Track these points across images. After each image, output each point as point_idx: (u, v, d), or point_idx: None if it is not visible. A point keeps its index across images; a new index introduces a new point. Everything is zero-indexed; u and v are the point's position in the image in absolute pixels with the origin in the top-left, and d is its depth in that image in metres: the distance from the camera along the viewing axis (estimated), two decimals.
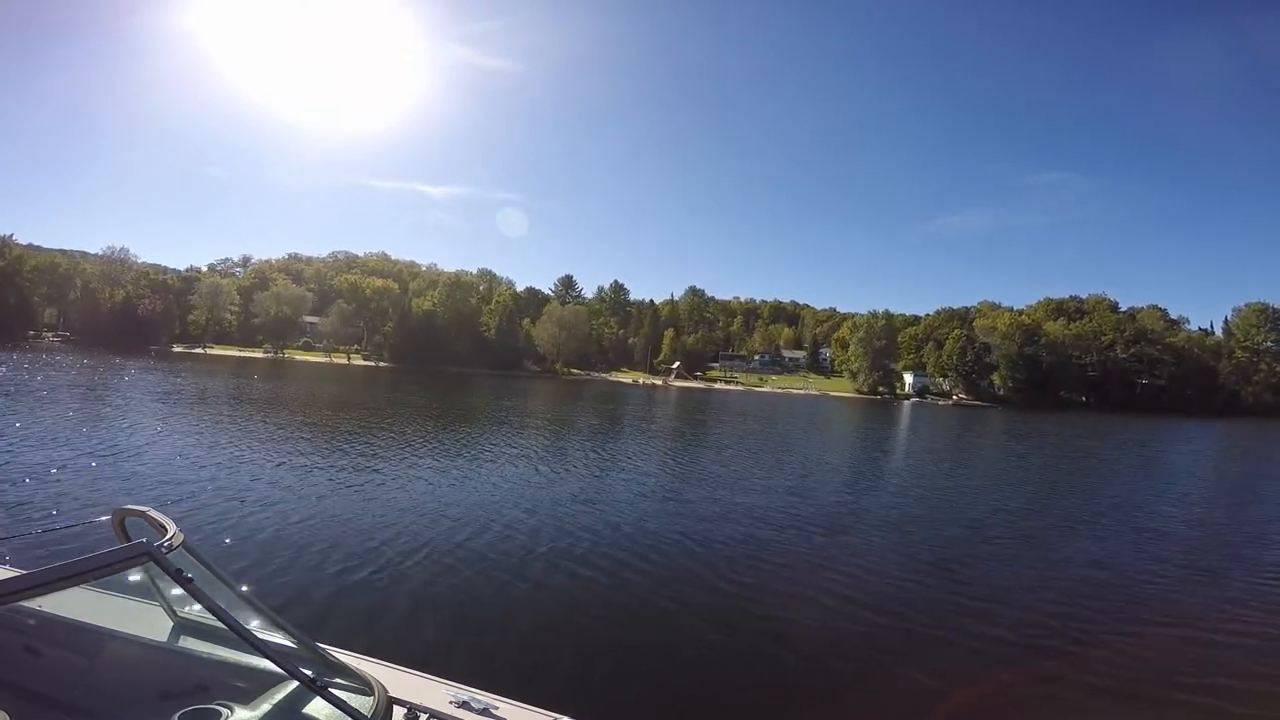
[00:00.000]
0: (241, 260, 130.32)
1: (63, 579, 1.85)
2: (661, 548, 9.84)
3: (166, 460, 13.70)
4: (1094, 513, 15.18)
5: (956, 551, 10.82)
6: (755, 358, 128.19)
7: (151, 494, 10.75)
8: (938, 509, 14.51)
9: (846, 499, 15.27)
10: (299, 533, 9.14)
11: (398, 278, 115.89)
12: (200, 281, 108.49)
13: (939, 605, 8.16)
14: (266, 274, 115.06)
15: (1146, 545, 12.21)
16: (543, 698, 2.75)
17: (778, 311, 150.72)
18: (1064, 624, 7.67)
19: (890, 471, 21.85)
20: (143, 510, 2.68)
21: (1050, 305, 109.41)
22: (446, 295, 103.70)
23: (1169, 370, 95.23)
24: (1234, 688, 6.23)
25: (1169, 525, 14.23)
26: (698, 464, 19.92)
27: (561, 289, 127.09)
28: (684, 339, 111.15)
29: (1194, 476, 24.98)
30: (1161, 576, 10.15)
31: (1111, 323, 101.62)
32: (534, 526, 10.52)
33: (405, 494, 12.28)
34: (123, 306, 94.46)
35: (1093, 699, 5.95)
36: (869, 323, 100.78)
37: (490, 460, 17.15)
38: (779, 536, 11.06)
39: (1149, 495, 18.93)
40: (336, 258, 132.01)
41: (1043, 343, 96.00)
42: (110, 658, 2.68)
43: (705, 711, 5.41)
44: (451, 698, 2.63)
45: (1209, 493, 20.68)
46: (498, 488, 13.53)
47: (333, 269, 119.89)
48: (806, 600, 8.01)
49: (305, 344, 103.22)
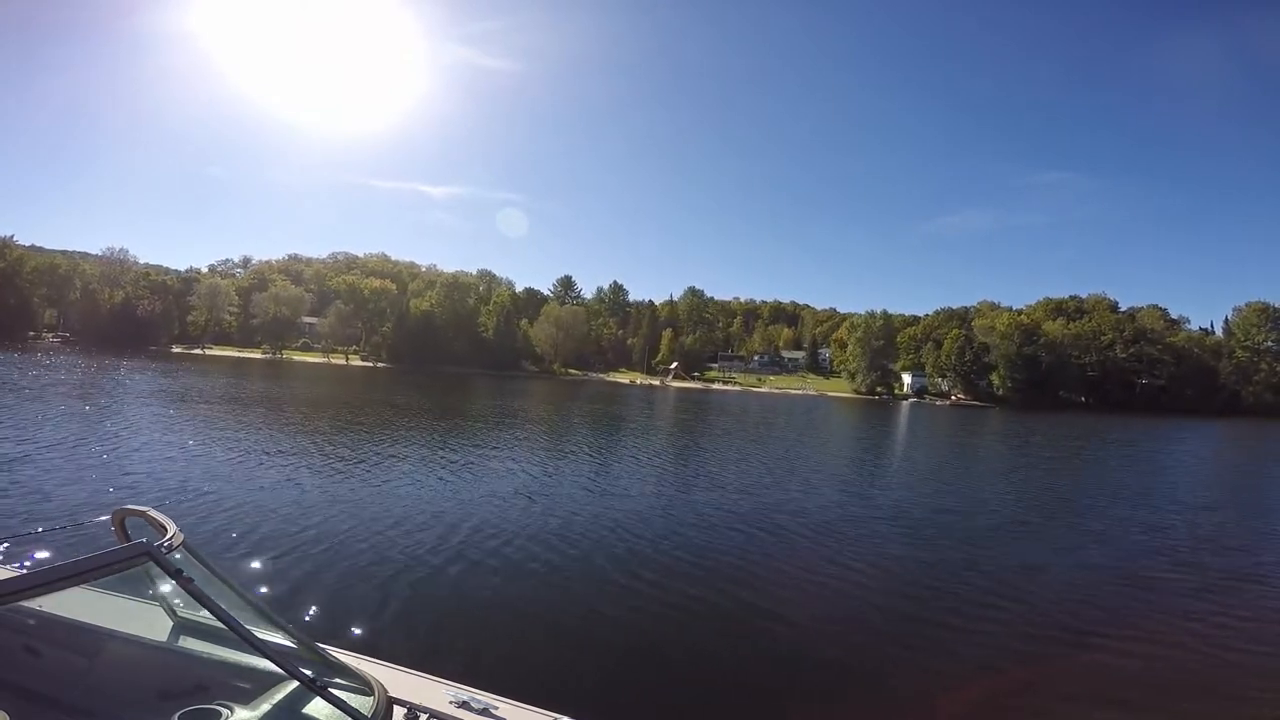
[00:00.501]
0: (242, 261, 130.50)
1: (63, 579, 1.85)
2: (660, 547, 9.82)
3: (156, 461, 13.64)
4: (1088, 513, 15.18)
5: (950, 552, 10.80)
6: (755, 358, 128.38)
7: (145, 494, 10.70)
8: (931, 509, 14.48)
9: (842, 499, 15.24)
10: (297, 533, 9.11)
11: (397, 278, 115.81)
12: (199, 282, 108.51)
13: (938, 606, 8.13)
14: (266, 275, 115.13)
15: (1144, 545, 12.20)
16: (543, 698, 2.75)
17: (777, 312, 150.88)
18: (1061, 624, 7.65)
19: (880, 472, 21.83)
20: (143, 510, 2.69)
21: (1050, 305, 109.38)
22: (444, 296, 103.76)
23: (1169, 370, 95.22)
24: (1235, 689, 6.22)
25: (1167, 525, 14.21)
26: (694, 464, 19.92)
27: (560, 289, 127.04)
28: (682, 339, 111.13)
29: (1192, 476, 24.99)
30: (1160, 576, 10.14)
31: (1111, 322, 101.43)
32: (532, 526, 10.48)
33: (400, 495, 12.23)
34: (122, 307, 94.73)
35: (1093, 700, 5.92)
36: (867, 323, 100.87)
37: (485, 461, 17.14)
38: (777, 537, 11.05)
39: (1144, 495, 18.92)
40: (336, 258, 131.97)
41: (1042, 343, 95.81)
42: (110, 658, 2.67)
43: (705, 711, 5.39)
44: (451, 698, 2.63)
45: (1209, 492, 20.70)
46: (493, 488, 13.49)
47: (332, 270, 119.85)
48: (805, 600, 8.00)
49: (304, 344, 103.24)
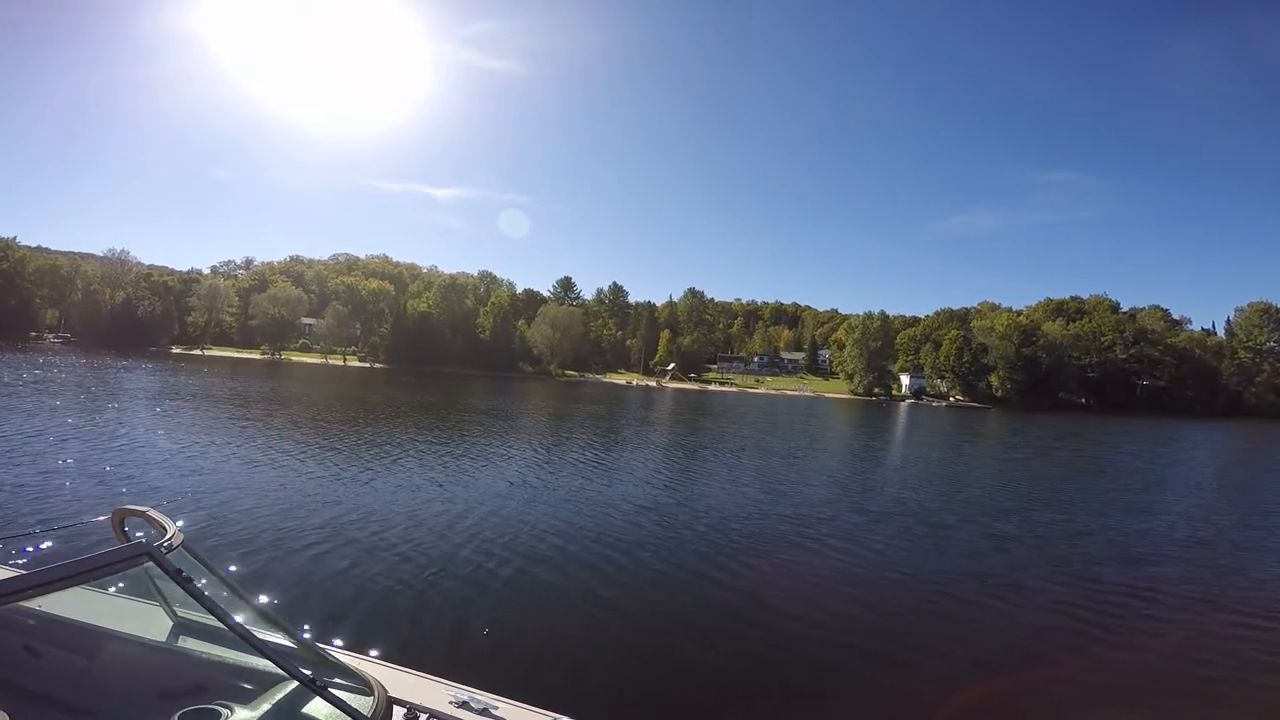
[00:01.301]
0: (244, 262, 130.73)
1: (63, 579, 1.84)
2: (658, 547, 9.82)
3: (152, 460, 13.64)
4: (1086, 514, 15.16)
5: (946, 553, 10.83)
6: (755, 359, 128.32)
7: (140, 494, 10.71)
8: (922, 510, 14.48)
9: (835, 498, 15.23)
10: (295, 533, 9.12)
11: (398, 280, 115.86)
12: (199, 283, 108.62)
13: (938, 608, 8.15)
14: (267, 276, 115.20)
15: (1138, 546, 12.19)
16: (543, 698, 2.76)
17: (779, 313, 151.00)
18: (1061, 627, 7.66)
19: (870, 472, 21.76)
20: (143, 510, 2.68)
21: (1050, 305, 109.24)
22: (441, 297, 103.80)
23: (1170, 371, 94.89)
24: (1238, 692, 6.23)
25: (1164, 526, 14.24)
26: (689, 466, 19.91)
27: (560, 291, 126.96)
28: (679, 340, 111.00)
29: (1196, 478, 24.97)
30: (1158, 577, 10.13)
31: (1111, 323, 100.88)
32: (529, 526, 10.48)
33: (398, 494, 12.23)
34: (123, 308, 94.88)
35: (1095, 703, 5.95)
36: (864, 323, 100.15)
37: (483, 461, 17.12)
38: (775, 537, 11.05)
39: (1144, 497, 18.93)
40: (337, 260, 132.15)
41: (1041, 343, 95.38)
42: (110, 658, 2.67)
43: (705, 712, 5.39)
44: (451, 698, 2.63)
45: (1212, 495, 20.66)
46: (489, 487, 13.48)
47: (333, 271, 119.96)
48: (804, 601, 7.99)
49: (303, 345, 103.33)
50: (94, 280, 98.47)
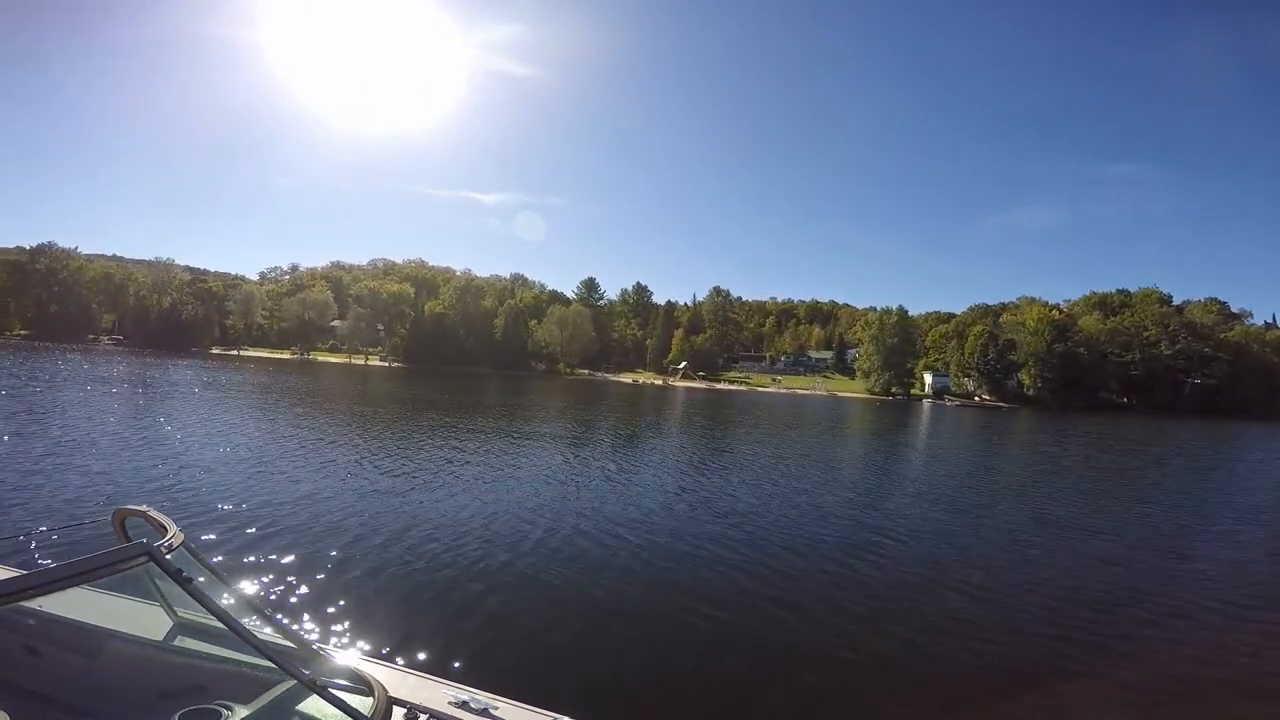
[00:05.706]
0: (290, 268, 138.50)
1: (63, 579, 1.84)
2: (658, 547, 9.65)
3: (163, 458, 13.80)
4: (1109, 522, 13.83)
5: (945, 556, 10.31)
6: (781, 358, 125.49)
7: (146, 490, 10.81)
8: (923, 512, 13.63)
9: (832, 497, 14.60)
10: (295, 533, 9.05)
11: (429, 283, 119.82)
12: (238, 288, 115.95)
13: (938, 610, 7.79)
14: (307, 281, 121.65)
15: (1163, 556, 11.17)
16: (543, 698, 2.74)
17: (814, 311, 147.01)
18: (1068, 636, 7.17)
19: (876, 474, 20.49)
20: (143, 510, 2.70)
21: (1093, 299, 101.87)
22: (457, 298, 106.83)
23: (1223, 368, 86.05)
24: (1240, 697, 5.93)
25: (1186, 535, 13.00)
26: (690, 464, 19.11)
27: (584, 291, 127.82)
28: (691, 339, 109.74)
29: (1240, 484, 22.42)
30: (1177, 586, 9.35)
31: (1156, 316, 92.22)
32: (529, 526, 10.31)
33: (396, 494, 12.06)
34: (169, 312, 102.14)
35: (1102, 711, 5.71)
36: (880, 319, 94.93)
37: (481, 461, 16.63)
38: (775, 537, 10.66)
39: (1164, 503, 17.03)
40: (375, 265, 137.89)
41: (1077, 339, 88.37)
42: (110, 658, 2.68)
43: (705, 712, 5.29)
44: (451, 698, 2.61)
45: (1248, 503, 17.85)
46: (489, 487, 13.23)
47: (370, 275, 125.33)
48: (804, 601, 7.79)
49: (332, 346, 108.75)
50: (143, 286, 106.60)
